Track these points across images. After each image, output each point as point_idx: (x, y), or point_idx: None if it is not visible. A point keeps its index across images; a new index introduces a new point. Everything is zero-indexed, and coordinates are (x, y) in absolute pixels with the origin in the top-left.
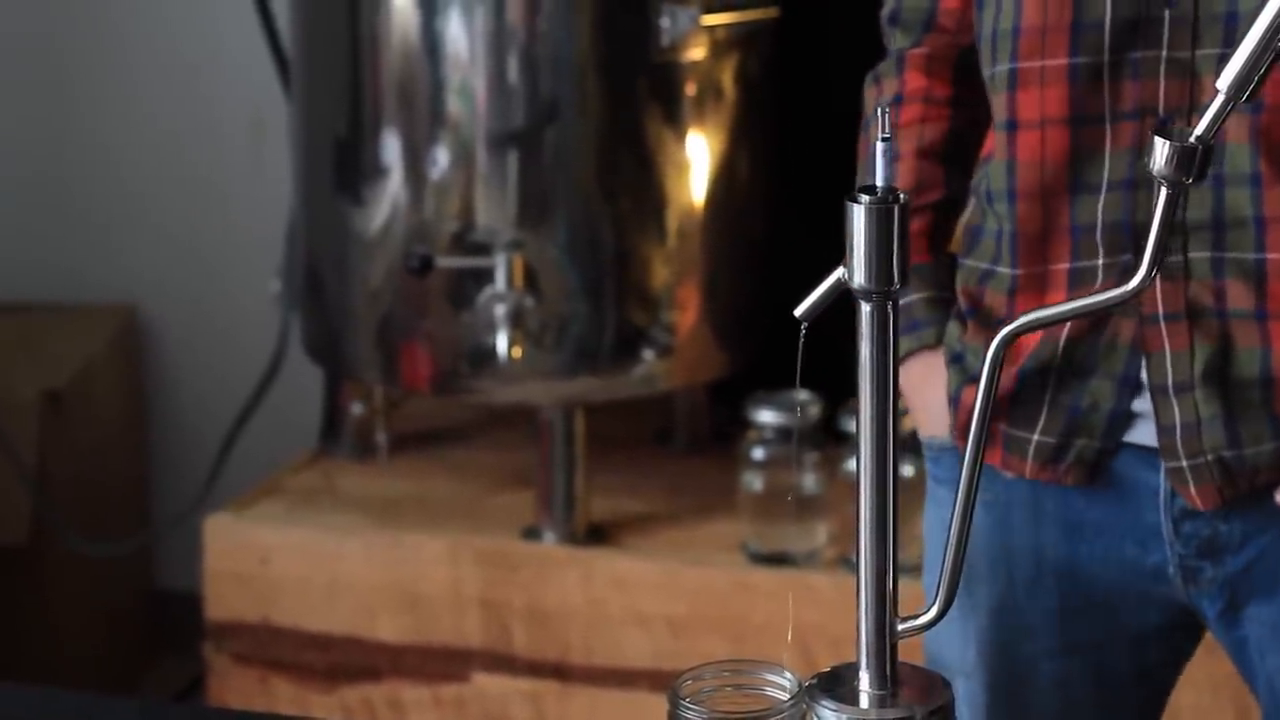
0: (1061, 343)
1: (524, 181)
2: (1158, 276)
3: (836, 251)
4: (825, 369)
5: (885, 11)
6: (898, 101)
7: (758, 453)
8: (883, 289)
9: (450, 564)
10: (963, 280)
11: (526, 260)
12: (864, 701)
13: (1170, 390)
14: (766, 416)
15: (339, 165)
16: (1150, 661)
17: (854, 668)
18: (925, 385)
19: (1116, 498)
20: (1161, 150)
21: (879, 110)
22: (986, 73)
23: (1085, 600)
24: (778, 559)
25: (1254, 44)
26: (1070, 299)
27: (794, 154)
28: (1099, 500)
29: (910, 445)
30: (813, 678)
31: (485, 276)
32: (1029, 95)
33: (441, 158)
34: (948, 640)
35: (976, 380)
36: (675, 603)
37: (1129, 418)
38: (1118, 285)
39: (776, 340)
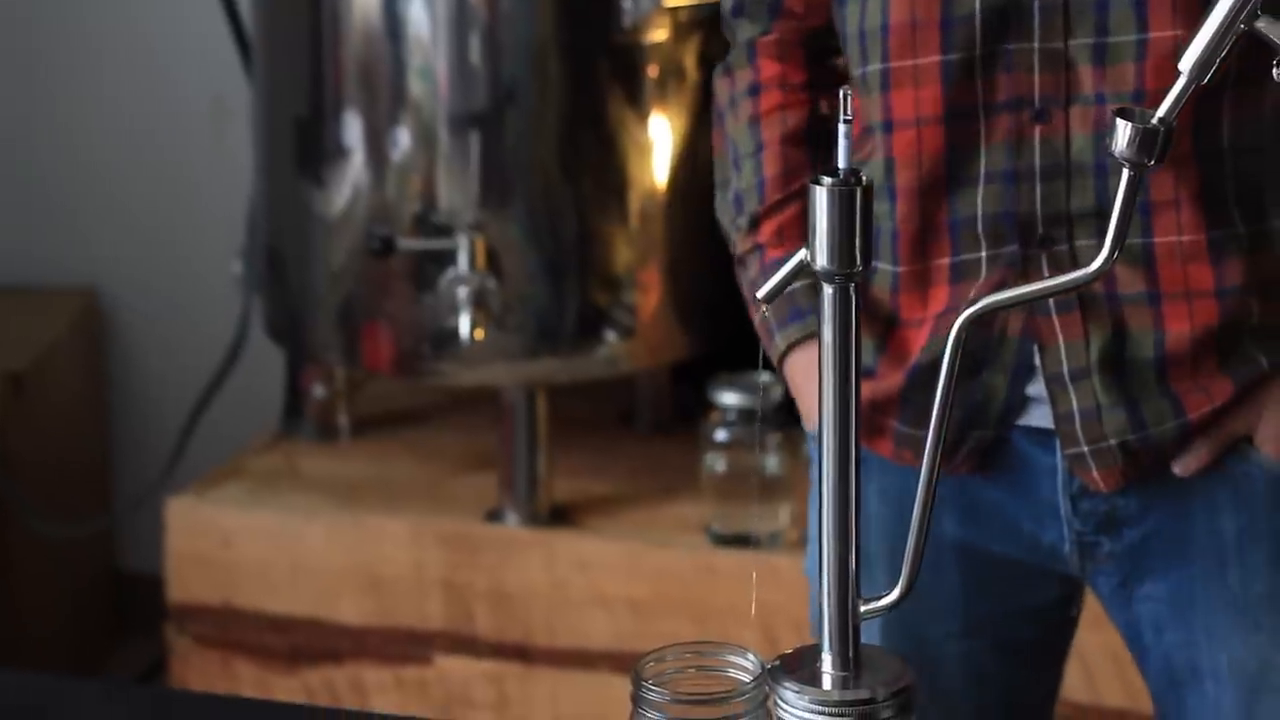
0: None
1: (486, 163)
2: (1046, 264)
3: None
4: None
5: (727, 5)
6: (754, 91)
7: (720, 434)
8: (845, 271)
9: (412, 546)
10: None
11: (488, 242)
12: (826, 683)
13: (1067, 379)
14: (729, 398)
15: (300, 147)
16: (1050, 631)
17: (816, 649)
18: (814, 375)
19: (1012, 479)
20: (1123, 132)
21: (843, 94)
22: (856, 72)
23: (986, 579)
24: (740, 540)
25: (1216, 25)
26: (953, 293)
27: None
28: (995, 482)
29: None
30: (775, 659)
31: (447, 258)
32: (903, 95)
33: (403, 139)
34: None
35: (869, 377)
36: (638, 584)
37: (1023, 404)
38: (1003, 277)
39: (739, 322)
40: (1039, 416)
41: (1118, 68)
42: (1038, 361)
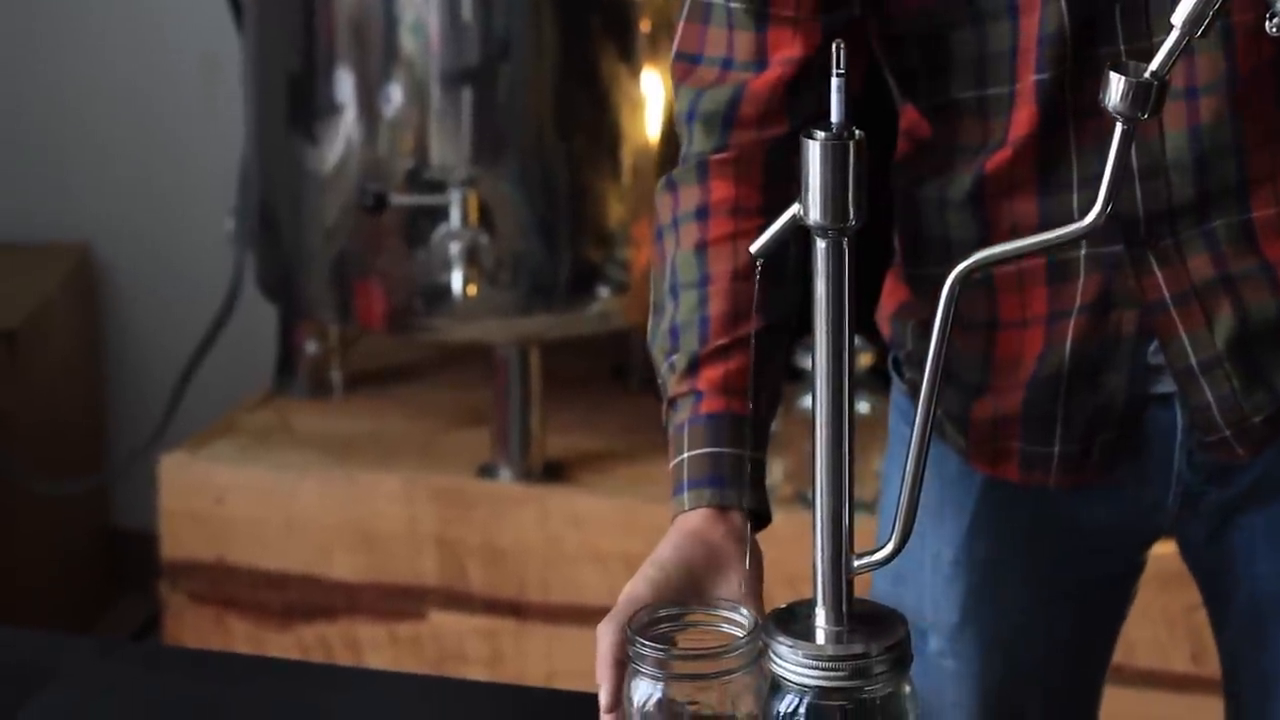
0: (1068, 349)
1: (478, 119)
2: (1154, 260)
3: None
4: None
5: (681, 108)
6: (703, 215)
7: None
8: (838, 225)
9: (406, 502)
10: (921, 290)
11: (481, 197)
12: (820, 638)
13: (1197, 370)
14: None
15: (292, 103)
16: (1122, 594)
17: (810, 604)
18: (682, 541)
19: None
20: (1116, 86)
21: (835, 46)
22: (942, 100)
23: (1078, 547)
24: None
25: None
26: (1052, 293)
27: None
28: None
29: (866, 382)
30: (769, 614)
31: (440, 214)
32: (1016, 115)
33: (395, 95)
34: (928, 595)
35: (985, 390)
36: (631, 540)
37: (1145, 405)
38: (1108, 276)
39: None
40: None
41: (1205, 57)
42: (1161, 359)
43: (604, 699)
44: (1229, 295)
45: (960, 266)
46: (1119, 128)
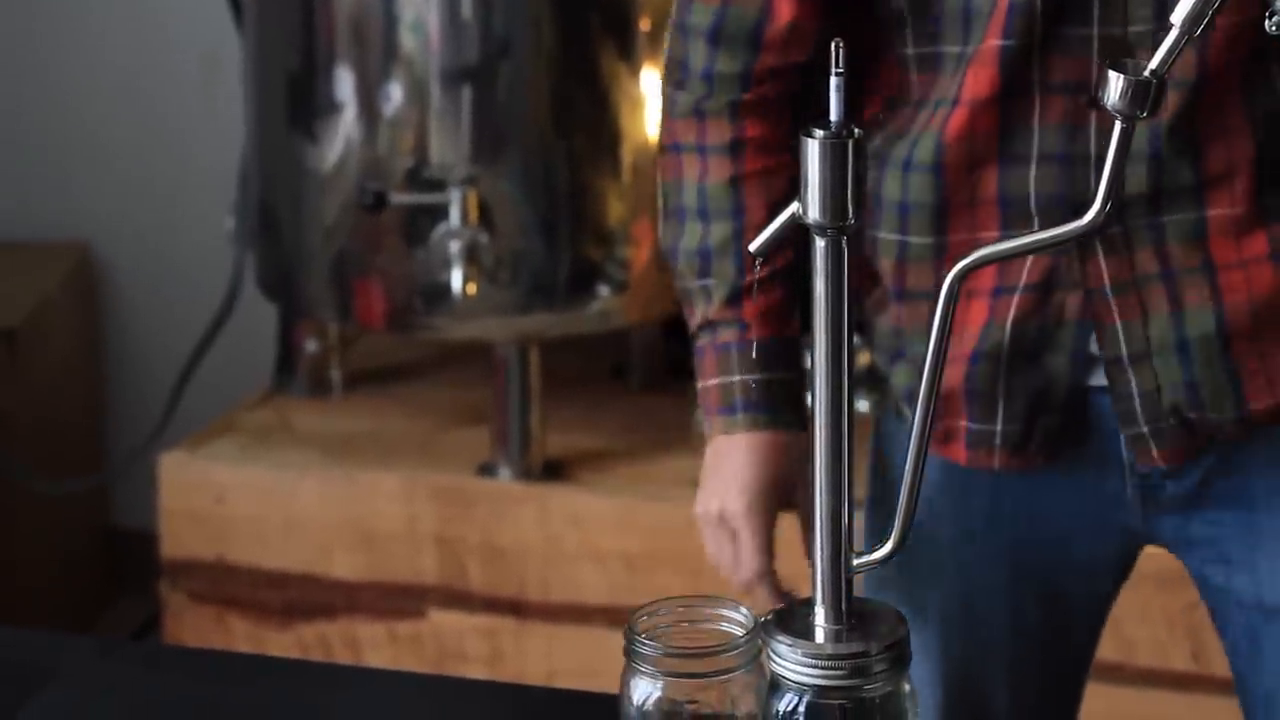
0: (1009, 326)
1: (478, 117)
2: (1100, 246)
3: (791, 186)
4: None
5: (699, 23)
6: (736, 150)
7: None
8: (837, 224)
9: (405, 501)
10: (882, 255)
11: (481, 196)
12: (819, 636)
13: (1126, 361)
14: None
15: (292, 101)
16: (1099, 588)
17: (810, 603)
18: (724, 465)
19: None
20: (1115, 84)
21: (834, 46)
22: (910, 51)
23: (1040, 532)
24: None
25: None
26: (1002, 270)
27: None
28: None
29: (865, 381)
30: (768, 613)
31: (439, 213)
32: (971, 75)
33: (395, 94)
34: (892, 579)
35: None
36: (631, 538)
37: (1085, 391)
38: (1055, 258)
39: None
40: (1098, 376)
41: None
42: (1085, 346)
43: (765, 595)
44: (1168, 292)
45: (959, 265)
46: (1118, 126)
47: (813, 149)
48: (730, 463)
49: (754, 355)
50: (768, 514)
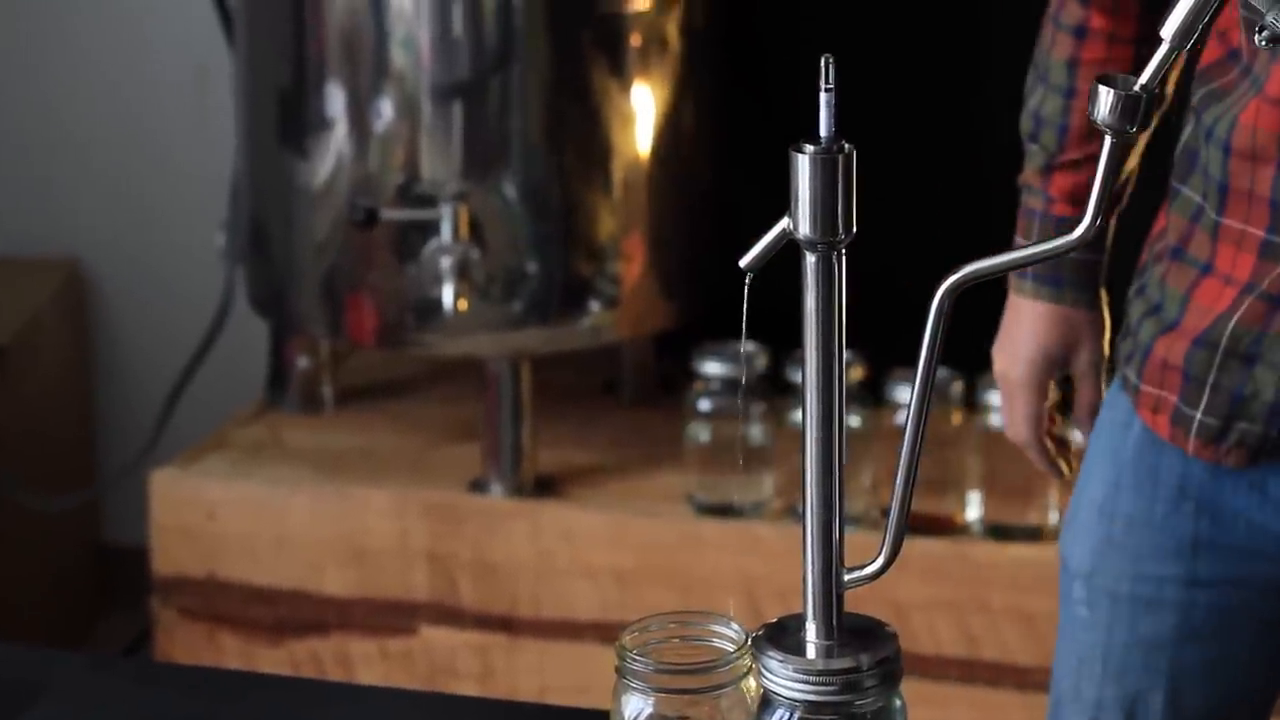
0: (1230, 327)
1: (469, 133)
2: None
3: (782, 202)
4: (771, 320)
5: None
6: (1080, 34)
7: (704, 404)
8: (827, 239)
9: (397, 517)
10: (1177, 211)
11: (472, 212)
12: (810, 652)
13: None
14: (713, 368)
15: (283, 117)
16: (1278, 615)
17: (801, 619)
18: (1015, 322)
19: None
20: (1105, 99)
21: (824, 61)
22: (1249, 17)
23: (1221, 537)
24: (724, 510)
25: None
26: (1258, 268)
27: (739, 104)
28: None
29: (857, 396)
30: (759, 629)
31: (430, 228)
32: (1276, 67)
33: (386, 110)
34: (1079, 539)
35: (1173, 328)
36: (622, 554)
37: None
38: None
39: (723, 291)
40: None
41: None
42: None
43: (1037, 454)
44: None
45: (949, 280)
46: (1108, 141)
47: (803, 164)
48: (1017, 326)
49: (1052, 230)
50: (1040, 387)
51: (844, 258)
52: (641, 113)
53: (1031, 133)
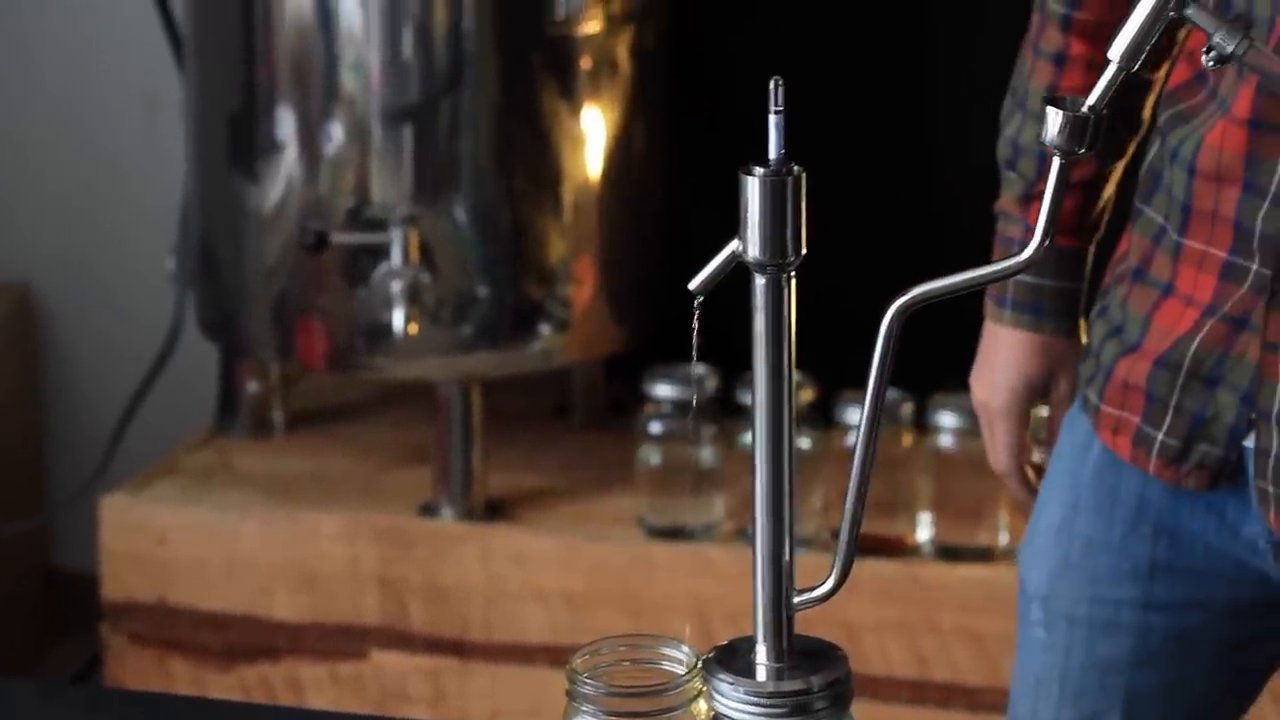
0: (1193, 349)
1: (419, 157)
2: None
3: (733, 224)
4: (721, 342)
5: None
6: (1059, 61)
7: (655, 427)
8: (777, 261)
9: (347, 541)
10: (1139, 232)
11: (422, 235)
12: (761, 674)
13: (1273, 419)
14: (663, 390)
15: (233, 141)
16: (1236, 638)
17: (751, 641)
18: (993, 352)
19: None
20: (1054, 120)
21: (773, 84)
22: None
23: (1179, 560)
24: (675, 533)
25: (1147, 11)
26: (1219, 290)
27: (689, 126)
28: None
29: (806, 418)
30: (710, 651)
31: (381, 252)
32: (1243, 88)
33: (336, 133)
34: (1036, 561)
35: (1135, 350)
36: (573, 578)
37: (1249, 429)
38: (1257, 295)
39: (673, 314)
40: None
41: None
42: (1256, 392)
43: (1017, 483)
44: None
45: (899, 302)
46: (1056, 162)
47: (752, 186)
48: (995, 353)
49: None
50: (1021, 415)
51: (794, 280)
52: (592, 135)
53: (1009, 160)
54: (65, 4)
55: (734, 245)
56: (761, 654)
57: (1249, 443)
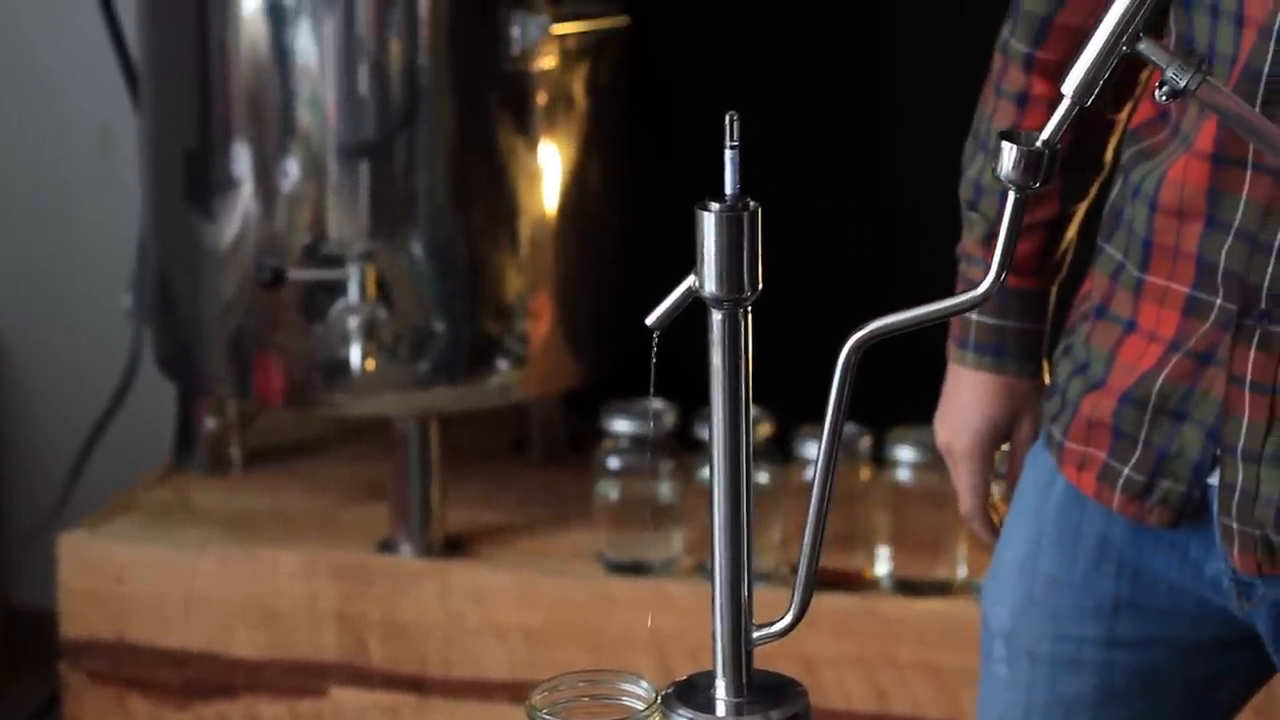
0: (1158, 384)
1: (375, 193)
2: (1256, 337)
3: (690, 258)
4: (679, 377)
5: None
6: (1021, 101)
7: (613, 462)
8: (734, 296)
9: (306, 578)
10: (1100, 269)
11: (379, 271)
12: (720, 710)
13: (1239, 454)
14: (621, 425)
15: (189, 177)
16: (1200, 675)
17: (711, 676)
18: (956, 395)
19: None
20: (1008, 154)
21: (729, 119)
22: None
23: (1142, 598)
24: (634, 568)
25: (1100, 46)
26: (1183, 325)
27: (646, 162)
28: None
29: (764, 453)
30: (669, 686)
31: (338, 288)
32: (1205, 123)
33: (292, 169)
34: (999, 598)
35: (1099, 386)
36: (533, 613)
37: (1213, 465)
38: (1222, 330)
39: (631, 349)
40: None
41: None
42: (1221, 427)
43: (981, 524)
44: None
45: (856, 336)
46: (1011, 196)
47: (708, 221)
48: (960, 396)
49: (995, 300)
50: (985, 457)
51: (750, 314)
52: (548, 171)
53: (971, 201)
54: (19, 36)
55: (691, 280)
56: (721, 689)
57: (1213, 479)
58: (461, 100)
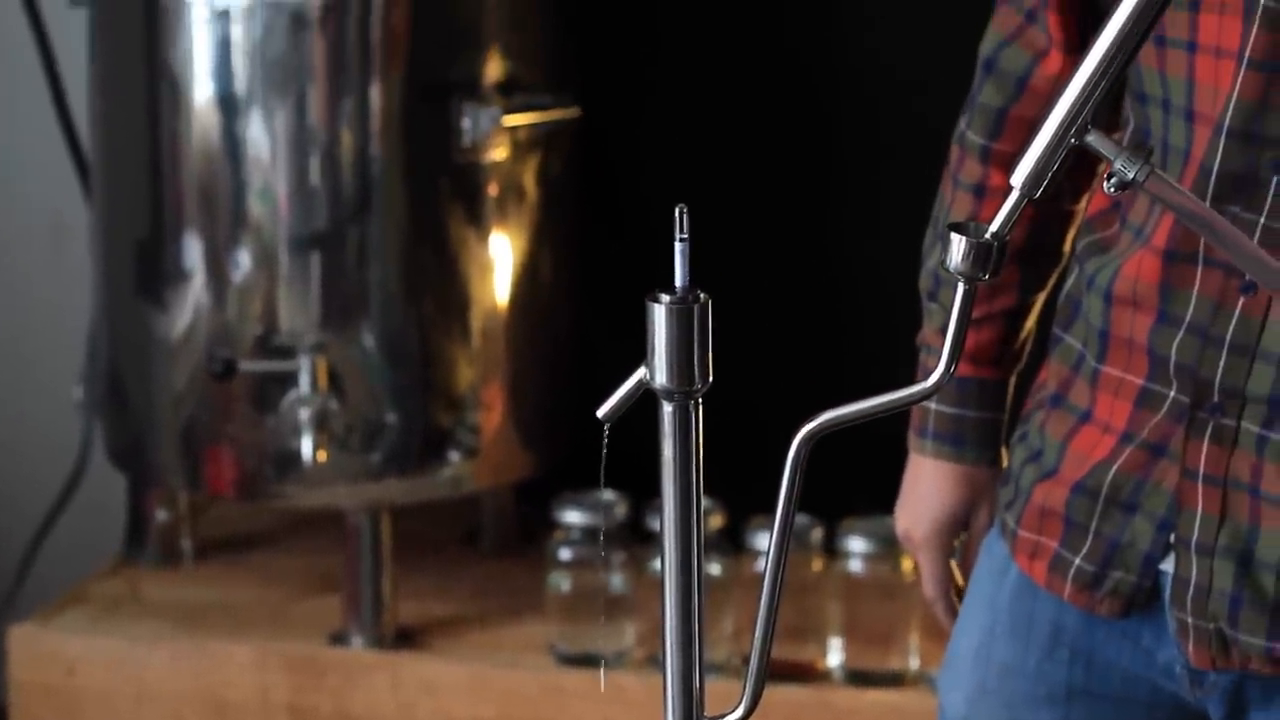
0: (1111, 475)
1: (327, 284)
2: (1209, 431)
3: (641, 348)
4: (630, 468)
5: (986, 50)
6: (979, 193)
7: (564, 553)
8: (684, 389)
9: (258, 670)
10: (1058, 359)
11: (330, 363)
12: None
13: (1192, 547)
14: (573, 516)
15: (140, 268)
16: None
17: None
18: (916, 485)
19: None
20: (957, 246)
21: (678, 211)
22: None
23: (1095, 685)
24: (586, 660)
25: (1048, 139)
26: (1134, 417)
27: (596, 253)
28: None
29: (716, 544)
30: None
31: (289, 380)
32: (1158, 219)
33: (244, 260)
34: (954, 685)
35: (1051, 475)
36: (485, 706)
37: (1164, 555)
38: (1175, 422)
39: (581, 440)
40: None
41: None
42: (1174, 519)
43: (943, 610)
44: (1251, 506)
45: (807, 428)
46: (960, 287)
47: (659, 314)
48: (919, 485)
49: (954, 391)
50: (945, 546)
51: (701, 406)
52: (499, 262)
53: (930, 291)
54: None
55: (641, 372)
56: None
57: (1166, 566)
58: (413, 191)
